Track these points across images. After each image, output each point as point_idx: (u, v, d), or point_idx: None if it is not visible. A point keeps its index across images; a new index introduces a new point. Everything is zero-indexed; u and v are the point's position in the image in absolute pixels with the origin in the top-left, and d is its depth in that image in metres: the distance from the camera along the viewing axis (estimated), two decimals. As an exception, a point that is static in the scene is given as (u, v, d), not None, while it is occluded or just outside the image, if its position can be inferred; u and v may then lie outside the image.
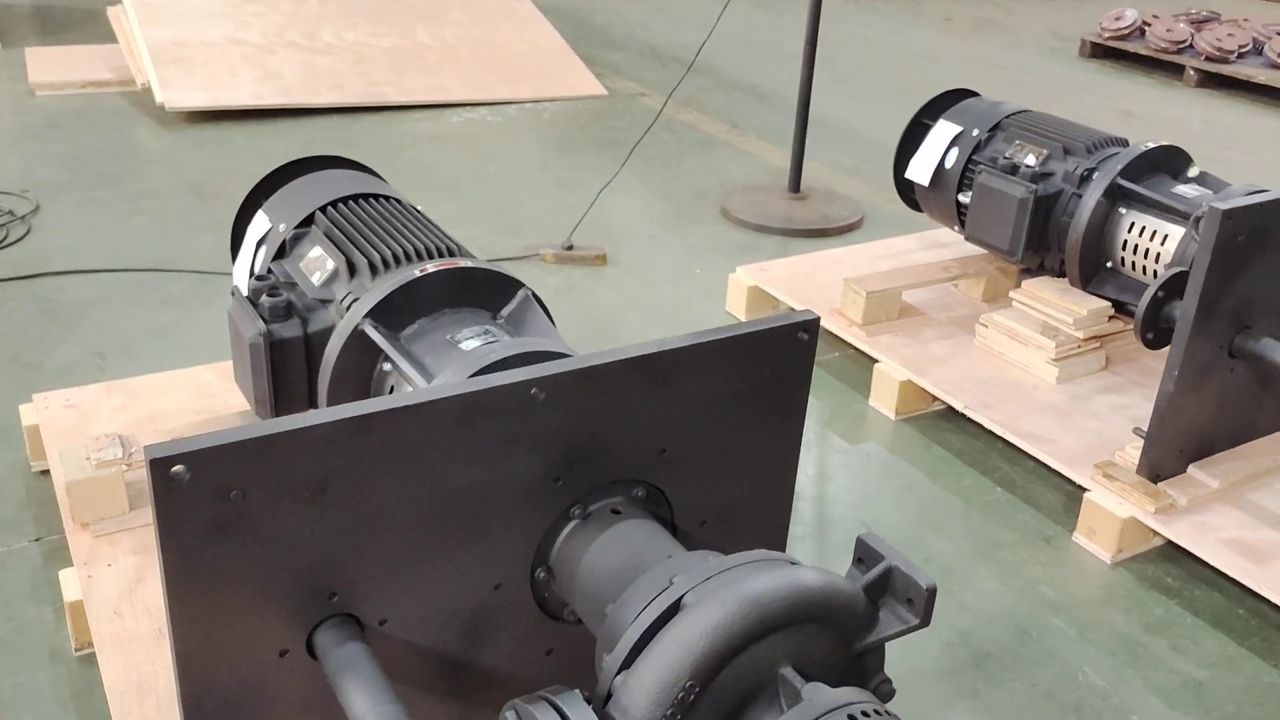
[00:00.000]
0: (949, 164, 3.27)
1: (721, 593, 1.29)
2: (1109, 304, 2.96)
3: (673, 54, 6.94)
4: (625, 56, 6.80)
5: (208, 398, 2.60)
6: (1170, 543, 2.46)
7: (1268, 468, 2.56)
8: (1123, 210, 2.90)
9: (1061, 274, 3.11)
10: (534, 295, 2.06)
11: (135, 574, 2.04)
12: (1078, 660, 2.18)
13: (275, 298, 2.02)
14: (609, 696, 1.30)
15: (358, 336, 1.93)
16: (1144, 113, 6.24)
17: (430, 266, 1.99)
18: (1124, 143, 3.10)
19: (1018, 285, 3.36)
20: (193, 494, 1.28)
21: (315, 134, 5.08)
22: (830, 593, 1.33)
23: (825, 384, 3.13)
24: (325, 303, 2.08)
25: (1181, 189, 2.87)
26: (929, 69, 6.96)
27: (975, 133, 3.25)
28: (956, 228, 3.36)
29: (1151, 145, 2.93)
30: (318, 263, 2.16)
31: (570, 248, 3.87)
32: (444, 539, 1.50)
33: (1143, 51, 7.13)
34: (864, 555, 1.43)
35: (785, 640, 1.30)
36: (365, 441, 1.37)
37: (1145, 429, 2.55)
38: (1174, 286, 2.49)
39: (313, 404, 2.09)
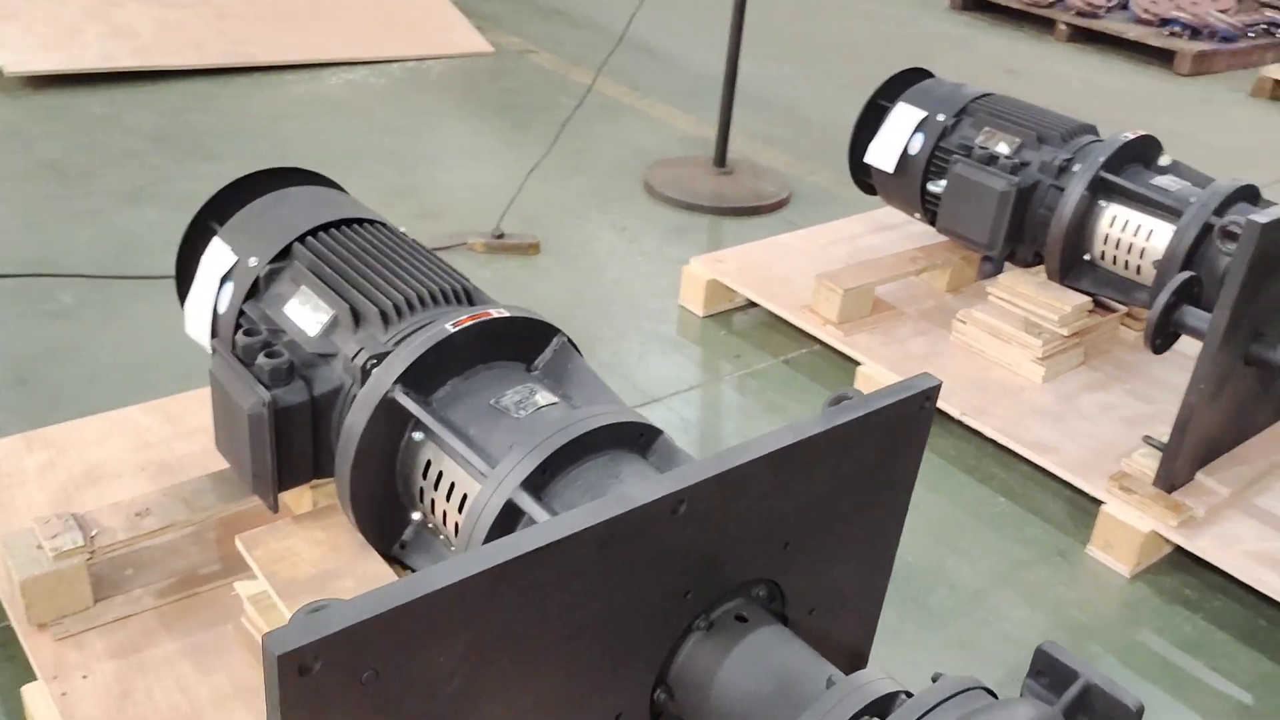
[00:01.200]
0: (914, 150, 3.15)
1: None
2: (1089, 299, 2.91)
3: (552, 6, 6.59)
4: (503, 8, 6.42)
5: (149, 447, 2.25)
6: (1179, 550, 2.44)
7: (1265, 469, 2.57)
8: (1103, 203, 2.84)
9: (1028, 265, 3.05)
10: (569, 341, 1.83)
11: (118, 687, 1.74)
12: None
13: (276, 358, 1.72)
14: None
15: (387, 405, 1.66)
16: (1026, 70, 6.30)
17: (458, 317, 1.72)
18: (1093, 129, 3.04)
19: (980, 275, 3.30)
20: (325, 685, 1.03)
21: (182, 100, 4.58)
22: (1044, 733, 1.18)
23: (801, 387, 2.99)
24: (326, 357, 1.79)
25: (1160, 181, 2.83)
26: (810, 22, 6.83)
27: (941, 118, 3.13)
28: (918, 215, 3.25)
29: (1130, 136, 2.87)
30: (309, 307, 1.86)
31: (501, 236, 3.59)
32: (569, 680, 1.28)
33: (1014, 5, 7.20)
34: (1046, 668, 1.30)
35: (1010, 792, 1.15)
36: (501, 591, 1.14)
37: (1154, 437, 2.52)
38: (1184, 292, 2.45)
39: (318, 474, 1.81)
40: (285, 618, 1.70)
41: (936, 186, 3.07)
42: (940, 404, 2.74)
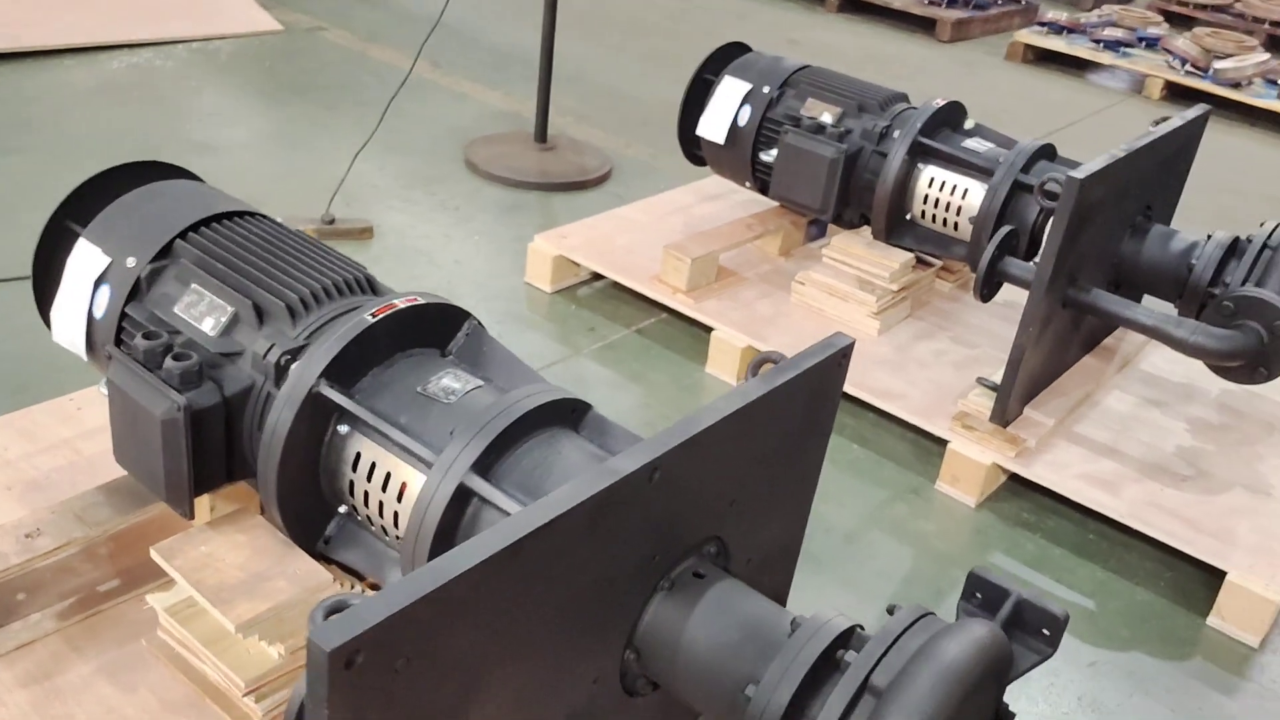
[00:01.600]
0: (743, 122, 3.29)
1: (919, 672, 1.25)
2: (912, 255, 3.14)
3: (334, -21, 6.39)
4: (282, -18, 6.18)
5: (9, 465, 2.12)
6: (1013, 478, 2.70)
7: (1080, 399, 2.87)
8: (921, 166, 3.07)
9: (853, 226, 3.25)
10: (479, 323, 1.85)
11: (37, 715, 1.65)
12: (988, 608, 2.35)
13: (184, 360, 1.67)
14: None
15: (312, 400, 1.64)
16: (806, 40, 6.60)
17: (372, 308, 1.72)
18: (904, 97, 3.26)
19: (806, 239, 3.49)
20: (366, 676, 1.04)
21: (-52, 90, 4.21)
22: (1000, 644, 1.33)
23: (657, 355, 3.09)
24: (230, 356, 1.75)
25: (969, 143, 3.08)
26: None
27: (766, 90, 3.28)
28: (748, 184, 3.40)
29: (940, 103, 3.10)
30: (203, 306, 1.80)
31: (332, 221, 3.51)
32: (558, 649, 1.34)
33: (786, -24, 7.50)
34: (979, 589, 1.44)
35: (973, 702, 1.29)
36: (509, 569, 1.18)
37: (986, 378, 2.76)
38: (1006, 245, 2.68)
39: (231, 478, 1.77)
40: (220, 625, 1.66)
41: (768, 156, 3.22)
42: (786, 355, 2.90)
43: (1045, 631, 1.40)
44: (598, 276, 3.42)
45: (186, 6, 5.28)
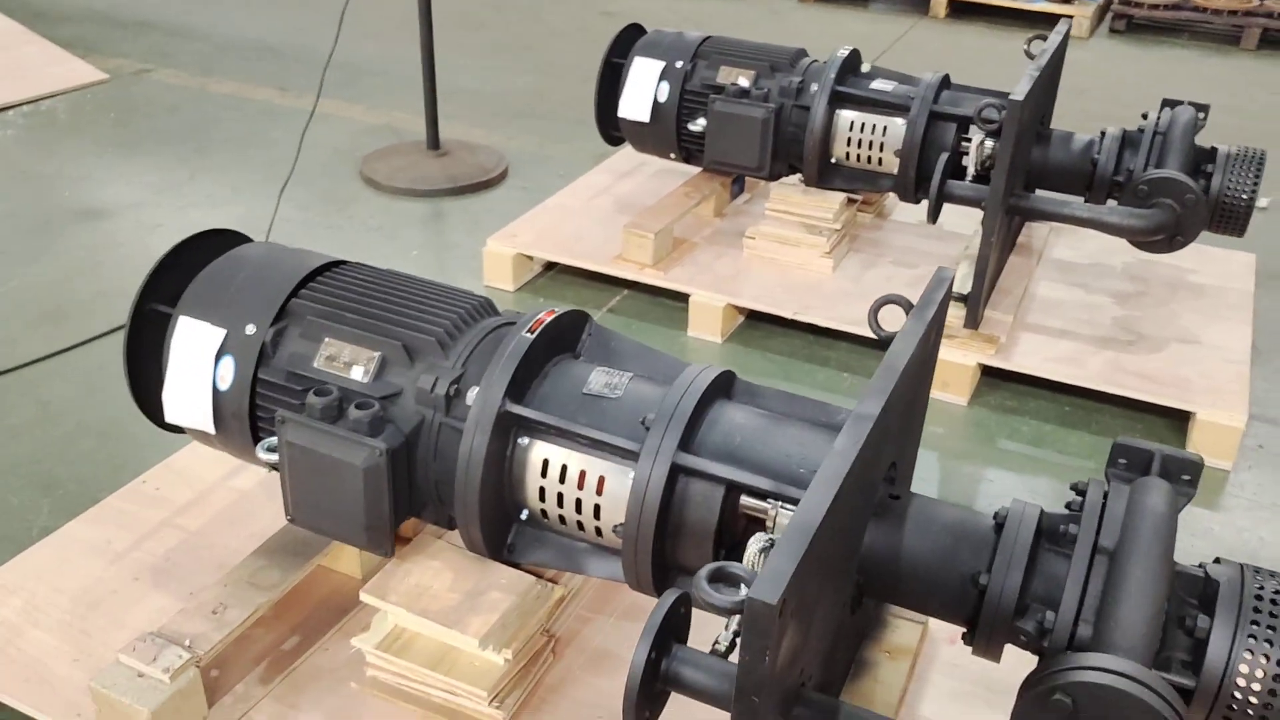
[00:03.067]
0: (663, 98, 3.48)
1: (1140, 526, 1.51)
2: (844, 195, 3.42)
3: (132, 18, 6.12)
4: (81, 29, 5.88)
5: (122, 558, 2.11)
6: (986, 374, 3.04)
7: (1021, 293, 3.24)
8: (840, 112, 3.34)
9: (778, 178, 3.50)
10: (596, 322, 2.00)
11: (297, 773, 1.72)
12: (1014, 492, 2.67)
13: (367, 409, 1.75)
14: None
15: (501, 420, 1.76)
16: (619, 10, 6.79)
17: (522, 327, 1.84)
18: (805, 52, 3.52)
19: (732, 197, 3.73)
20: (785, 622, 1.21)
21: None
22: (1174, 492, 1.61)
23: (638, 328, 3.27)
24: (390, 398, 1.83)
25: (877, 85, 3.37)
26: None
27: (680, 64, 3.48)
28: (673, 155, 3.59)
29: (844, 52, 3.38)
30: (346, 357, 1.87)
31: (274, 262, 3.48)
32: (836, 582, 1.53)
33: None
34: (1123, 455, 1.72)
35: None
36: (829, 522, 1.36)
37: (956, 292, 3.08)
38: (948, 171, 3.00)
39: (412, 513, 1.86)
40: (437, 647, 1.77)
41: (696, 126, 3.42)
42: (770, 310, 3.15)
43: (1186, 477, 1.70)
44: (549, 267, 3.55)
45: (2, 71, 4.99)
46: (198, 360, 1.93)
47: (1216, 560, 1.57)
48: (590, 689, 1.90)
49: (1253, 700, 1.45)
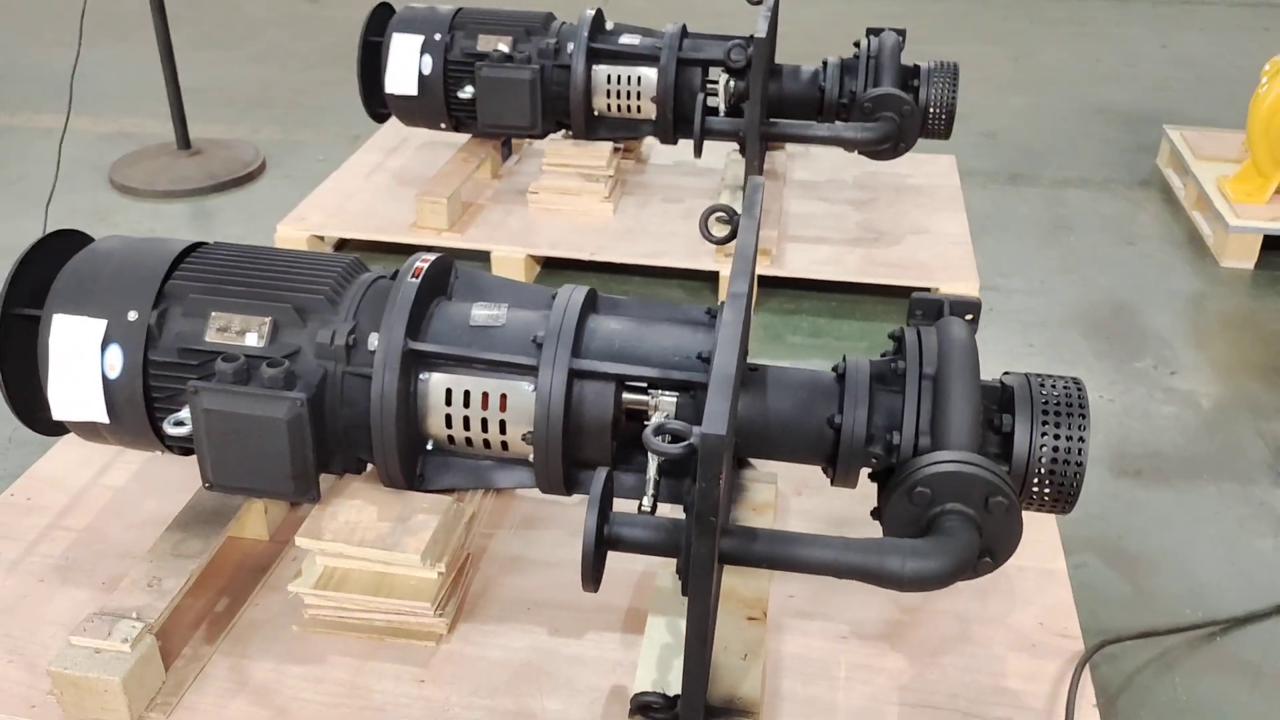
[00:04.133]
0: (427, 71, 3.64)
1: (952, 354, 1.89)
2: (610, 143, 3.72)
3: None
4: None
5: (30, 537, 2.13)
6: (764, 281, 3.44)
7: (778, 214, 3.65)
8: (597, 68, 3.63)
9: (543, 135, 3.75)
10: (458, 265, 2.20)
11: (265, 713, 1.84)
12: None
13: (277, 367, 1.88)
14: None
15: (407, 359, 1.94)
16: (325, -4, 6.79)
17: (408, 274, 2.02)
18: (553, 16, 3.78)
19: (504, 159, 3.95)
20: (728, 454, 1.50)
21: None
22: (968, 325, 2.01)
23: (444, 289, 3.44)
24: (290, 357, 1.96)
25: (625, 39, 3.68)
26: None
27: (439, 37, 3.64)
28: (444, 125, 3.76)
29: (591, 13, 3.66)
30: (237, 326, 1.98)
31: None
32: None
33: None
34: (919, 307, 2.11)
35: (973, 364, 1.97)
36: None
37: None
38: (704, 111, 3.35)
39: (322, 467, 2.00)
40: (371, 576, 1.95)
41: (464, 94, 3.61)
42: (569, 255, 3.42)
43: (969, 316, 2.10)
44: (340, 245, 3.65)
45: None
46: (82, 354, 1.98)
47: (1005, 373, 1.99)
48: (511, 588, 2.12)
49: (1044, 471, 1.87)
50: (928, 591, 1.70)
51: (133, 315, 1.98)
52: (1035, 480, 1.89)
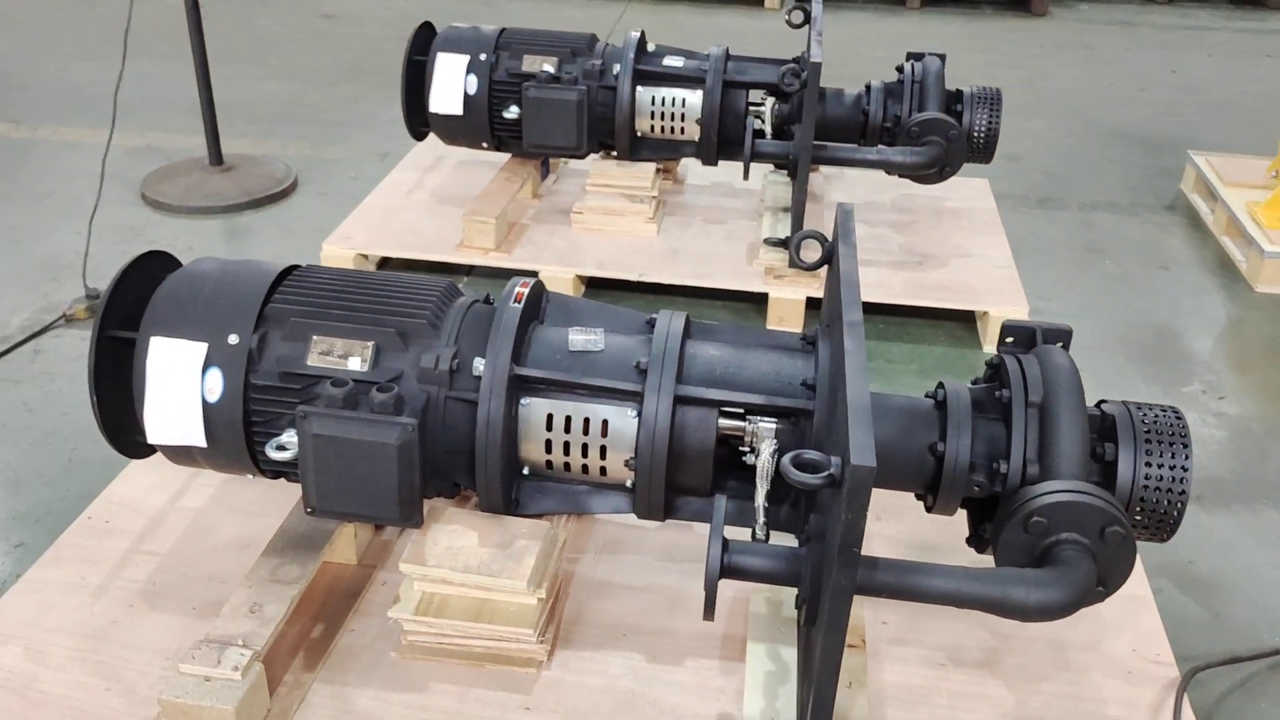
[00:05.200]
0: (472, 91, 3.63)
1: (1057, 380, 1.91)
2: (653, 164, 3.73)
3: None
4: None
5: (113, 563, 2.11)
6: (812, 303, 3.44)
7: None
8: (641, 89, 3.64)
9: (583, 156, 3.75)
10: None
11: (380, 737, 1.83)
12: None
13: (388, 392, 1.87)
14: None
15: (512, 384, 1.94)
16: (338, 10, 6.76)
17: (509, 299, 2.03)
18: (596, 37, 3.79)
19: (543, 178, 3.96)
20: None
21: None
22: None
23: (492, 309, 3.43)
24: (394, 382, 1.96)
25: (669, 61, 3.69)
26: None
27: (484, 57, 3.64)
28: (486, 145, 3.75)
29: (635, 35, 3.67)
30: (340, 350, 1.97)
31: (97, 296, 3.37)
32: (840, 463, 1.84)
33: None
34: (1010, 334, 2.13)
35: (1072, 392, 1.98)
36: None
37: (773, 238, 3.48)
38: (753, 134, 3.37)
39: (441, 481, 1.99)
40: (470, 602, 1.95)
41: (510, 114, 3.61)
42: (618, 275, 3.43)
43: (1060, 344, 2.12)
44: (383, 263, 3.64)
45: None
46: (181, 377, 1.96)
47: (1102, 401, 2.01)
48: (603, 614, 2.12)
49: (1148, 500, 1.89)
50: (1049, 621, 1.71)
51: (234, 339, 1.97)
52: (1139, 509, 1.91)
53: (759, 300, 3.43)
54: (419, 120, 3.78)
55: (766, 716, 1.86)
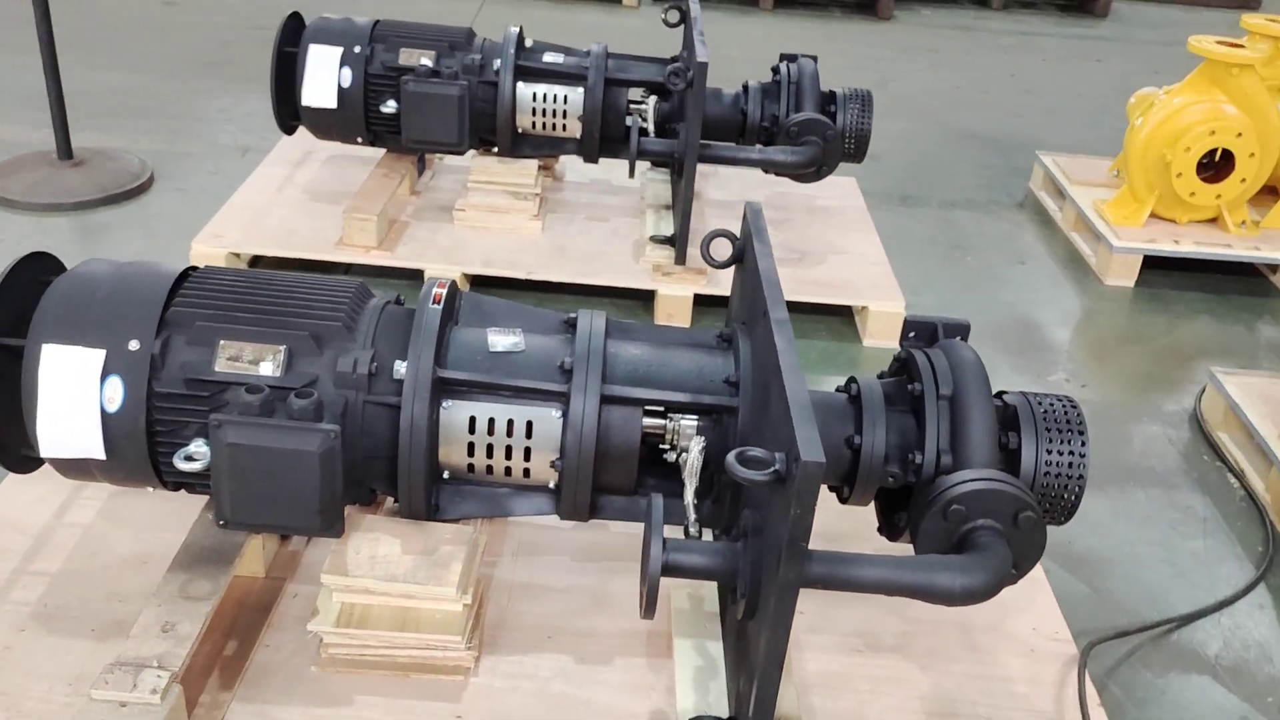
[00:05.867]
0: (347, 84, 3.53)
1: (965, 374, 1.99)
2: (535, 161, 3.71)
3: None
4: None
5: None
6: (698, 300, 3.48)
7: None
8: (522, 85, 3.61)
9: (461, 153, 3.70)
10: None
11: (308, 755, 1.76)
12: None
13: (306, 398, 1.81)
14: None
15: (436, 386, 1.90)
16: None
17: (429, 300, 1.99)
18: (473, 32, 3.74)
19: (419, 174, 3.89)
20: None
21: None
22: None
23: (375, 309, 3.34)
24: (308, 386, 1.89)
25: (550, 57, 3.67)
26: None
27: (359, 49, 3.54)
28: (361, 140, 3.66)
29: (514, 30, 3.63)
30: (250, 355, 1.89)
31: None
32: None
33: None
34: (912, 329, 2.20)
35: (977, 384, 2.07)
36: (790, 398, 1.70)
37: (659, 235, 3.50)
38: (664, 130, 3.39)
39: (357, 489, 1.93)
40: (394, 611, 1.91)
41: (388, 109, 3.52)
42: (507, 273, 3.40)
43: (959, 337, 2.21)
44: (254, 261, 3.50)
45: None
46: (78, 386, 1.85)
47: (1002, 392, 2.10)
48: (526, 616, 2.10)
49: (1049, 485, 1.99)
50: (973, 604, 1.78)
51: (134, 344, 1.87)
52: (1040, 494, 2.00)
53: (645, 297, 3.45)
54: (289, 114, 3.66)
55: (698, 709, 1.88)
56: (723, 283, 3.41)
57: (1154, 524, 2.75)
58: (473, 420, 1.96)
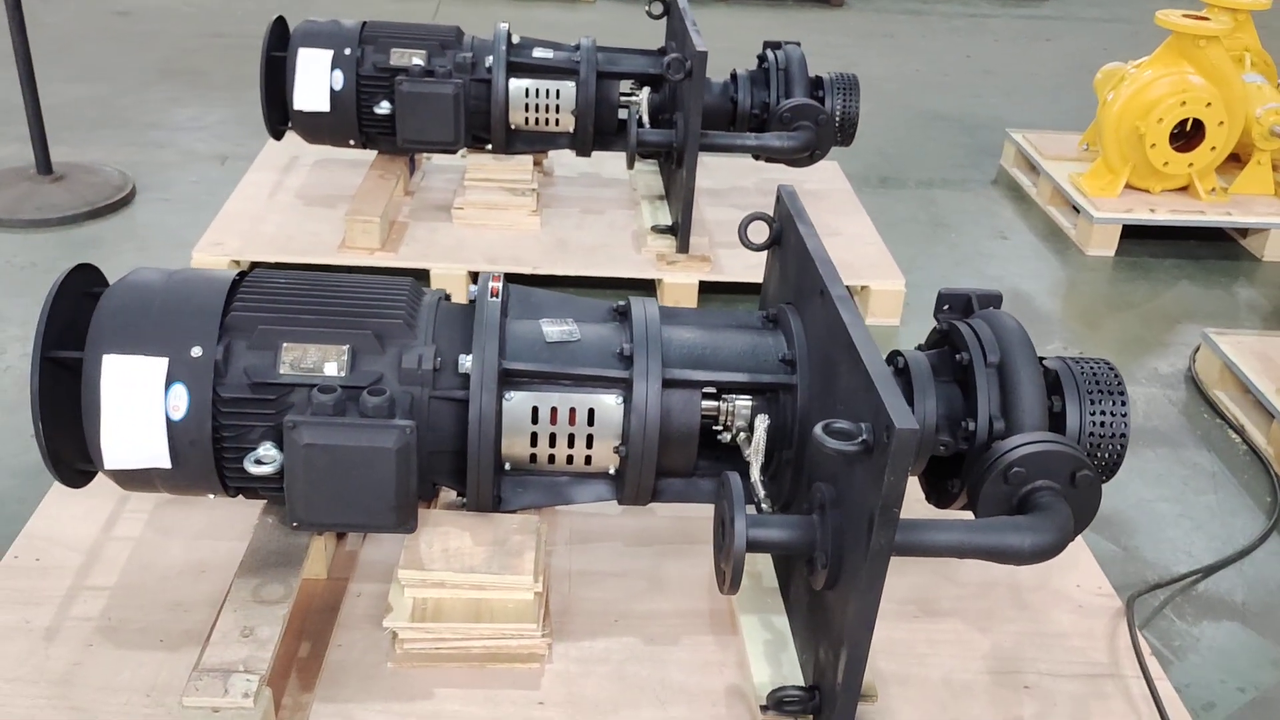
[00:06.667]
0: (339, 86, 3.51)
1: (1010, 343, 2.04)
2: (530, 157, 3.72)
3: None
4: None
5: (55, 599, 1.95)
6: (704, 286, 3.51)
7: (700, 222, 3.75)
8: (514, 82, 3.61)
9: (455, 151, 3.70)
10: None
11: (401, 749, 1.77)
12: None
13: (379, 395, 1.81)
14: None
15: (502, 379, 1.91)
16: (133, 7, 6.35)
17: (487, 293, 2.02)
18: (463, 31, 3.73)
19: (412, 174, 3.88)
20: (908, 447, 1.58)
21: None
22: (1006, 317, 2.18)
23: (382, 311, 3.34)
24: (375, 384, 1.89)
25: (539, 53, 3.68)
26: None
27: (349, 52, 3.52)
28: (353, 142, 3.64)
29: (504, 26, 3.64)
30: (314, 356, 1.89)
31: (-59, 318, 3.07)
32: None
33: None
34: (946, 301, 2.26)
35: (1018, 351, 2.13)
36: (862, 371, 1.74)
37: (660, 225, 3.53)
38: (637, 123, 3.41)
39: (422, 484, 1.94)
40: (467, 604, 1.93)
41: (381, 110, 3.51)
42: (513, 269, 3.41)
43: (993, 307, 2.27)
44: (252, 267, 3.47)
45: None
46: (142, 395, 1.84)
47: (1041, 358, 2.17)
48: (589, 602, 2.12)
49: (1094, 445, 2.06)
50: (1042, 562, 1.84)
51: (197, 351, 1.86)
52: (1086, 454, 2.07)
53: (646, 287, 3.48)
54: (278, 118, 3.63)
55: (774, 681, 1.91)
56: (725, 269, 3.46)
57: (1167, 481, 2.84)
58: (535, 410, 1.98)
